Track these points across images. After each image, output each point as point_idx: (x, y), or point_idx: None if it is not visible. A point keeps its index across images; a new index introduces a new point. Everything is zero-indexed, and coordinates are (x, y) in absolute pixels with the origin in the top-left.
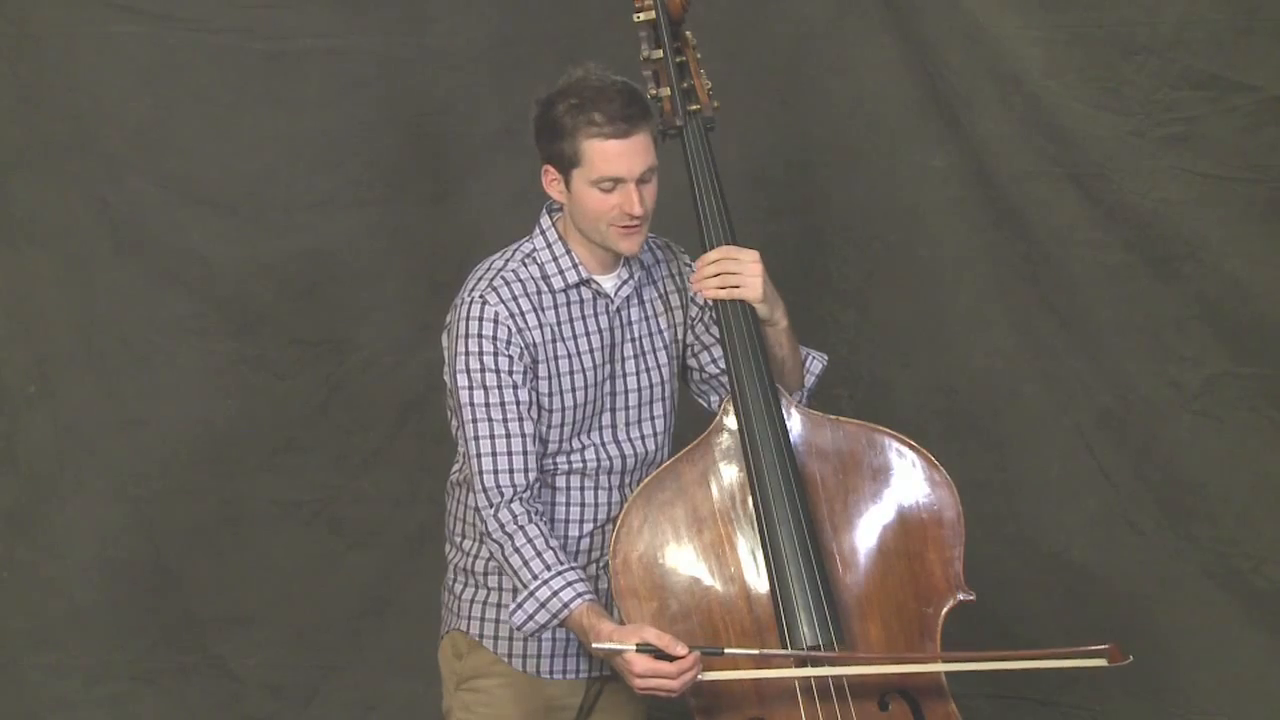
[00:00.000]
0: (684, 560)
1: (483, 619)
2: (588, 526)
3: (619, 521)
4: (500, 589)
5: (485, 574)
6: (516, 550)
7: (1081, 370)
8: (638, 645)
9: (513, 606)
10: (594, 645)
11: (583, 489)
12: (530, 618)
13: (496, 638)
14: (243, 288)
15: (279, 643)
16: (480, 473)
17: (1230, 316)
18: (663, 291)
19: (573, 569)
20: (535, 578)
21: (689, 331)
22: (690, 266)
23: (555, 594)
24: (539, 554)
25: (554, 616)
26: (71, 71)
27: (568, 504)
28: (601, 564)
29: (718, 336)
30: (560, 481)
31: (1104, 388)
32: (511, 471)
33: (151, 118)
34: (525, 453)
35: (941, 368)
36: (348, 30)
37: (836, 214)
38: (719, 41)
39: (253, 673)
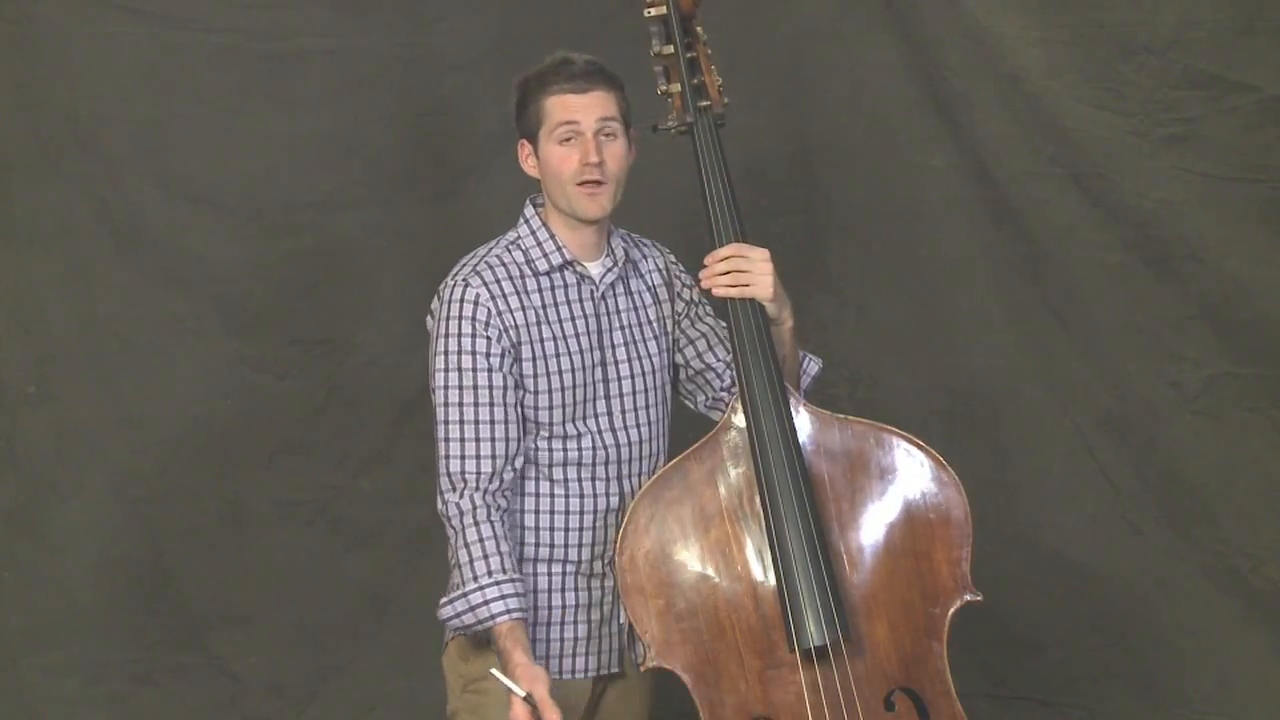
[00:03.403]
0: (691, 558)
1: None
2: (588, 519)
3: (626, 519)
4: None
5: None
6: (465, 545)
7: (1081, 370)
8: (526, 695)
9: (444, 600)
10: (492, 670)
11: (580, 480)
12: (457, 615)
13: None
14: (243, 288)
15: (279, 643)
16: (445, 457)
17: (1230, 316)
18: (650, 285)
19: (512, 581)
20: (474, 579)
21: (675, 325)
22: (676, 264)
23: (486, 603)
24: (485, 556)
25: (479, 622)
26: (71, 71)
27: (567, 495)
28: (606, 559)
29: (702, 331)
30: (558, 474)
31: (1104, 388)
32: (478, 458)
33: (151, 118)
34: (492, 439)
35: (941, 368)
36: (348, 30)
37: (837, 214)
38: (719, 41)
39: (253, 673)
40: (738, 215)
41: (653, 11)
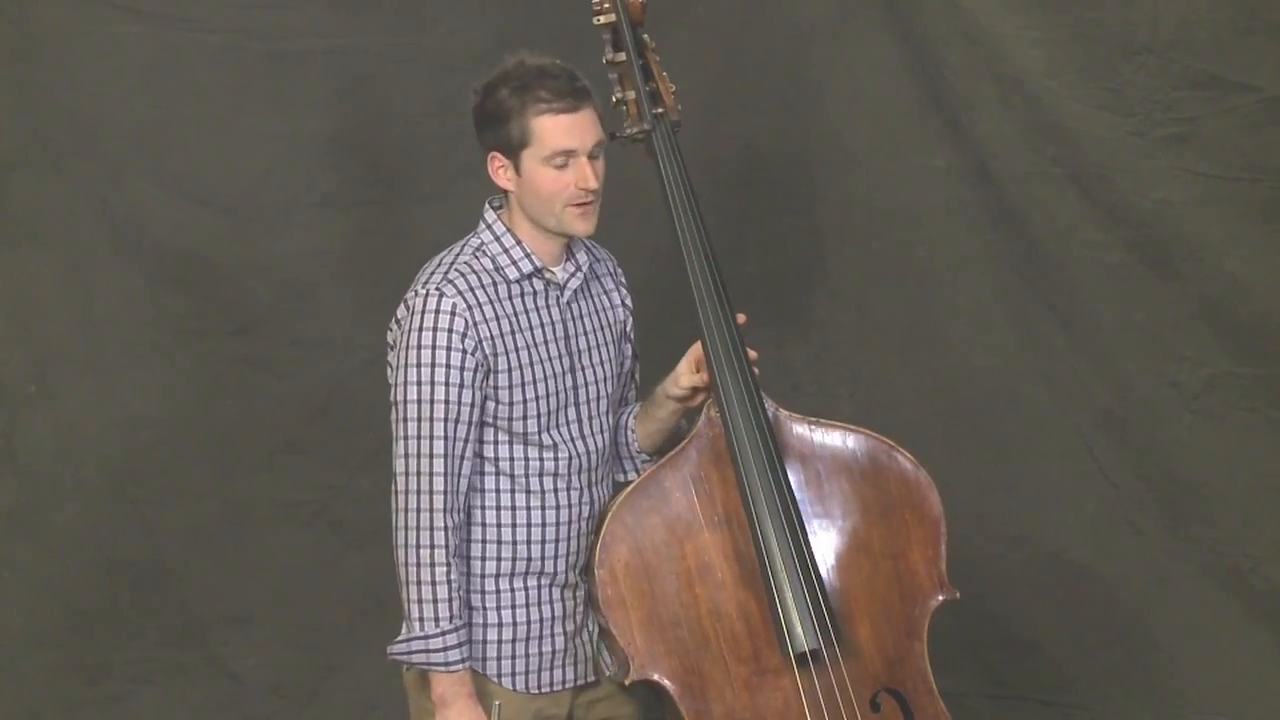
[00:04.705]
0: (671, 568)
1: (469, 640)
2: (564, 529)
3: (603, 531)
4: (484, 608)
5: (468, 592)
6: (433, 583)
7: (1081, 370)
8: None
9: (400, 638)
10: (437, 692)
11: (556, 490)
12: (410, 654)
13: (484, 659)
14: (243, 288)
15: (279, 643)
16: (407, 474)
17: (1230, 316)
18: (605, 289)
19: (466, 626)
20: (436, 623)
21: (624, 333)
22: (621, 274)
23: (445, 649)
24: (450, 600)
25: (430, 665)
26: (71, 71)
27: (543, 507)
28: (580, 570)
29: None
30: (535, 484)
31: (1104, 388)
32: (445, 475)
33: (151, 118)
34: (450, 456)
35: (941, 368)
36: (348, 30)
37: (836, 214)
38: (719, 41)
39: (253, 673)
40: (701, 221)
41: (602, 19)
